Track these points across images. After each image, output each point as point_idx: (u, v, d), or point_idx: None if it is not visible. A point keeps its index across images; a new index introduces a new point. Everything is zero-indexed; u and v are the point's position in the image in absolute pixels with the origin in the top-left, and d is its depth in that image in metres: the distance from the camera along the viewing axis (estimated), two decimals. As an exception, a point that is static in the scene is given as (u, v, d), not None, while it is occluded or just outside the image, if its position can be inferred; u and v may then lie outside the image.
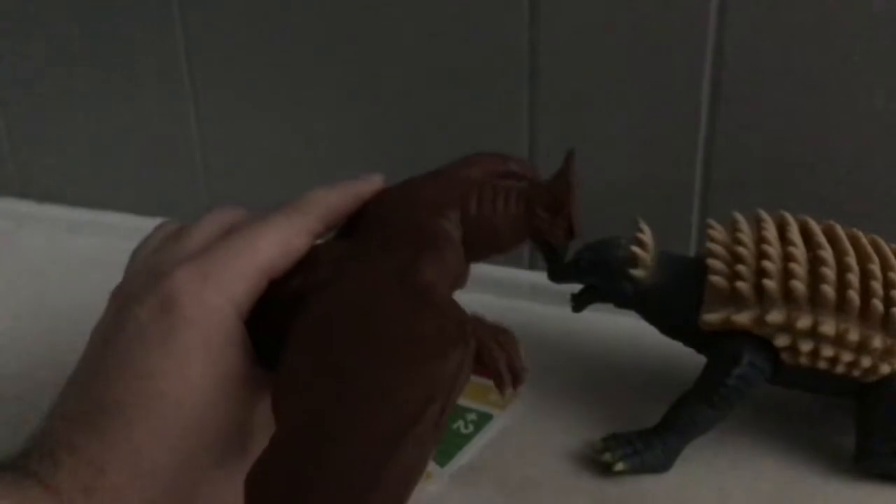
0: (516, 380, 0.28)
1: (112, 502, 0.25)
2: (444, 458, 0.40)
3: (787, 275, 0.37)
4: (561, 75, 0.50)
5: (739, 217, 0.40)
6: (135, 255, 0.32)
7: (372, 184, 0.33)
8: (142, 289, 0.28)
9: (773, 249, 0.38)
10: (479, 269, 0.56)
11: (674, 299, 0.40)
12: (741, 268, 0.38)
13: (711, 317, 0.38)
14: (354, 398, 0.24)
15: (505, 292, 0.54)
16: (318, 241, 0.31)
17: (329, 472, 0.23)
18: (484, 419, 0.42)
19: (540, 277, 0.45)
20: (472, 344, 0.26)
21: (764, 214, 0.40)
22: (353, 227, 0.32)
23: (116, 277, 0.31)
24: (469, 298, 0.53)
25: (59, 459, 0.25)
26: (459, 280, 0.32)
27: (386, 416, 0.23)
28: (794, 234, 0.38)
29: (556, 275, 0.42)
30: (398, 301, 0.27)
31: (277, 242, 0.29)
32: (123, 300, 0.28)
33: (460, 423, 0.42)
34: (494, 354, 0.27)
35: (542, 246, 0.36)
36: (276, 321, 0.28)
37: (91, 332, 0.29)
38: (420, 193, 0.32)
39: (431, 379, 0.24)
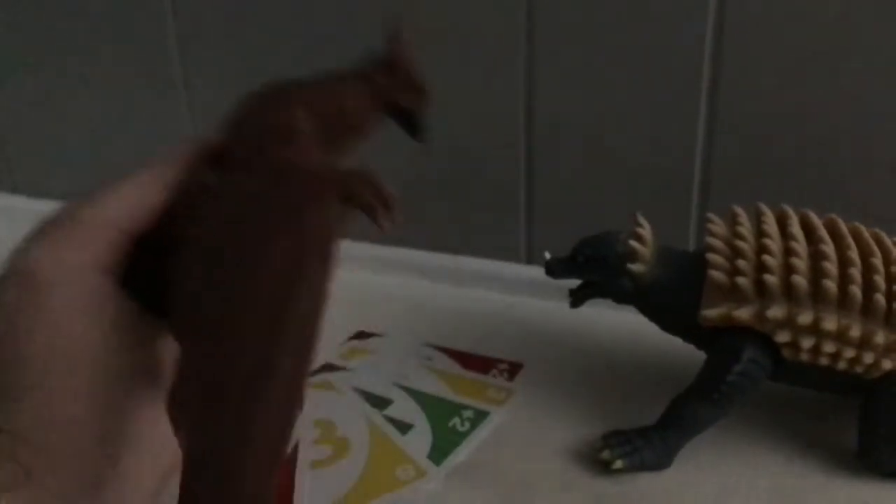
0: (385, 206, 0.28)
1: (33, 459, 0.26)
2: (440, 456, 0.39)
3: (788, 270, 0.36)
4: (558, 67, 0.49)
5: (739, 210, 0.40)
6: None
7: (219, 136, 0.34)
8: (4, 274, 0.28)
9: (774, 244, 0.37)
10: (475, 265, 0.56)
11: (673, 295, 0.39)
12: (741, 262, 0.37)
13: (711, 312, 0.37)
14: (240, 288, 0.26)
15: (503, 288, 0.53)
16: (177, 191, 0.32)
17: (231, 361, 0.25)
18: (480, 416, 0.42)
19: (537, 273, 0.45)
20: (331, 189, 0.27)
21: (764, 208, 0.40)
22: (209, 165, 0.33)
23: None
24: (466, 294, 0.54)
25: None
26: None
27: (267, 288, 0.25)
28: (795, 227, 0.38)
29: (553, 270, 0.41)
30: (258, 184, 0.28)
31: (127, 196, 0.30)
32: None
33: (457, 420, 0.42)
34: (359, 190, 0.28)
35: (397, 112, 0.35)
36: (158, 271, 0.29)
37: None
38: (262, 108, 0.33)
39: (302, 235, 0.26)
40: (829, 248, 0.37)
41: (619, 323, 0.46)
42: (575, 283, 0.42)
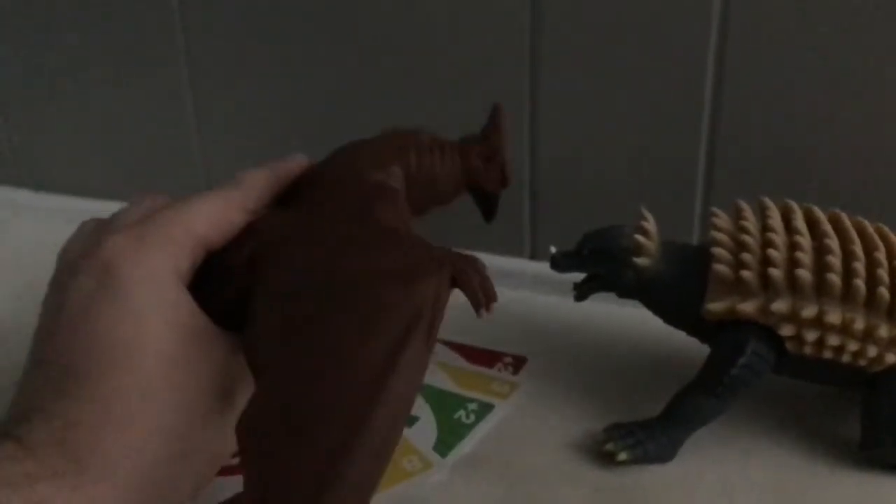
0: (489, 299, 0.29)
1: (86, 452, 0.26)
2: (445, 449, 0.39)
3: (792, 263, 0.37)
4: (562, 63, 0.49)
5: (744, 205, 0.40)
6: (61, 257, 0.32)
7: (298, 162, 0.34)
8: (82, 258, 0.28)
9: (779, 238, 0.37)
10: (483, 261, 0.55)
11: (678, 288, 0.39)
12: (746, 256, 0.37)
13: (716, 306, 0.38)
14: (332, 339, 0.25)
15: (507, 282, 0.53)
16: (256, 218, 0.32)
17: (320, 410, 0.23)
18: (485, 409, 0.42)
19: (542, 267, 0.45)
20: (447, 269, 0.27)
21: (768, 202, 0.40)
22: (289, 200, 0.33)
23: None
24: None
25: (31, 420, 0.26)
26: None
27: (372, 348, 0.24)
28: (800, 222, 0.38)
29: (558, 263, 0.41)
30: (363, 240, 0.28)
31: (210, 214, 0.30)
32: (66, 274, 0.29)
33: (462, 412, 0.42)
34: (468, 276, 0.28)
35: (479, 194, 0.37)
36: (226, 291, 0.29)
37: (42, 306, 0.30)
38: (357, 156, 0.33)
39: (412, 305, 0.25)
40: (833, 242, 0.37)
41: (622, 317, 0.47)
42: (580, 276, 0.42)
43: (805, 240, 0.37)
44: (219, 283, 0.30)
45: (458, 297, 0.29)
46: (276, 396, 0.24)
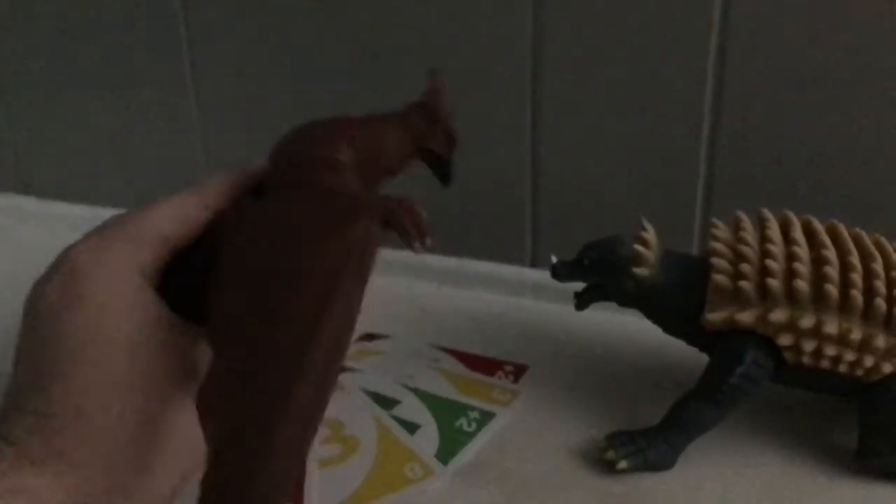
0: (421, 234, 0.30)
1: (62, 440, 0.27)
2: (446, 456, 0.40)
3: (790, 274, 0.37)
4: (564, 71, 0.50)
5: (743, 216, 0.41)
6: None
7: (262, 164, 0.35)
8: (47, 271, 0.31)
9: (777, 249, 0.38)
10: (480, 268, 0.56)
11: (677, 298, 0.40)
12: (745, 267, 0.38)
13: (715, 315, 0.38)
14: (273, 294, 0.27)
15: (508, 290, 0.54)
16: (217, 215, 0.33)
17: (263, 358, 0.26)
18: (486, 417, 0.43)
19: (542, 276, 0.46)
20: (374, 210, 0.29)
21: (767, 213, 0.40)
22: (253, 194, 0.34)
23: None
24: (472, 296, 0.54)
25: (8, 416, 0.28)
26: None
27: (305, 296, 0.26)
28: (798, 233, 0.39)
29: (559, 273, 0.42)
30: (303, 204, 0.30)
31: (170, 212, 0.32)
32: (37, 286, 0.31)
33: (463, 420, 0.42)
34: (397, 216, 0.30)
35: (430, 157, 0.37)
36: (193, 286, 0.30)
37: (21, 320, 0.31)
38: (305, 137, 0.35)
39: (342, 248, 0.28)
40: (830, 253, 0.37)
41: (622, 326, 0.47)
42: (580, 286, 0.43)
43: (803, 251, 0.38)
44: (187, 278, 0.31)
45: (455, 303, 0.30)
46: (224, 359, 0.27)
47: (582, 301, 0.43)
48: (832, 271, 0.37)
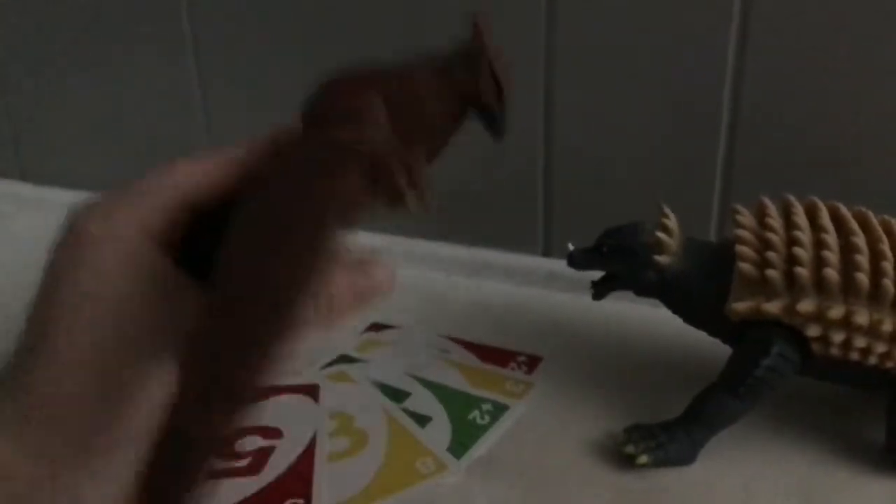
0: (413, 187, 0.28)
1: (39, 397, 0.27)
2: (460, 450, 0.38)
3: (819, 262, 0.36)
4: (578, 55, 0.49)
5: (768, 202, 0.39)
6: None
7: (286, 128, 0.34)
8: (58, 236, 0.30)
9: (805, 236, 0.36)
10: (492, 257, 0.55)
11: (700, 287, 0.38)
12: (771, 255, 0.36)
13: (740, 305, 0.37)
14: (262, 246, 0.26)
15: (521, 280, 0.53)
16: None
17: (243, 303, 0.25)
18: (500, 410, 0.41)
19: (556, 265, 0.44)
20: (359, 158, 0.27)
21: (792, 199, 0.39)
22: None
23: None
24: (484, 286, 0.53)
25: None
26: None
27: (290, 252, 0.26)
28: (825, 219, 0.37)
29: (576, 261, 0.40)
30: (308, 154, 0.29)
31: (191, 169, 0.31)
32: (48, 253, 0.30)
33: (476, 413, 0.41)
34: (387, 169, 0.28)
35: (479, 110, 0.33)
36: (212, 247, 0.29)
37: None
38: (334, 98, 0.32)
39: (322, 199, 0.26)
40: (860, 240, 0.36)
41: (638, 315, 0.46)
42: (597, 274, 0.41)
43: (832, 238, 0.36)
44: (207, 240, 0.30)
45: (465, 293, 0.29)
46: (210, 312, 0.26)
47: (599, 290, 0.41)
48: (862, 259, 0.35)
